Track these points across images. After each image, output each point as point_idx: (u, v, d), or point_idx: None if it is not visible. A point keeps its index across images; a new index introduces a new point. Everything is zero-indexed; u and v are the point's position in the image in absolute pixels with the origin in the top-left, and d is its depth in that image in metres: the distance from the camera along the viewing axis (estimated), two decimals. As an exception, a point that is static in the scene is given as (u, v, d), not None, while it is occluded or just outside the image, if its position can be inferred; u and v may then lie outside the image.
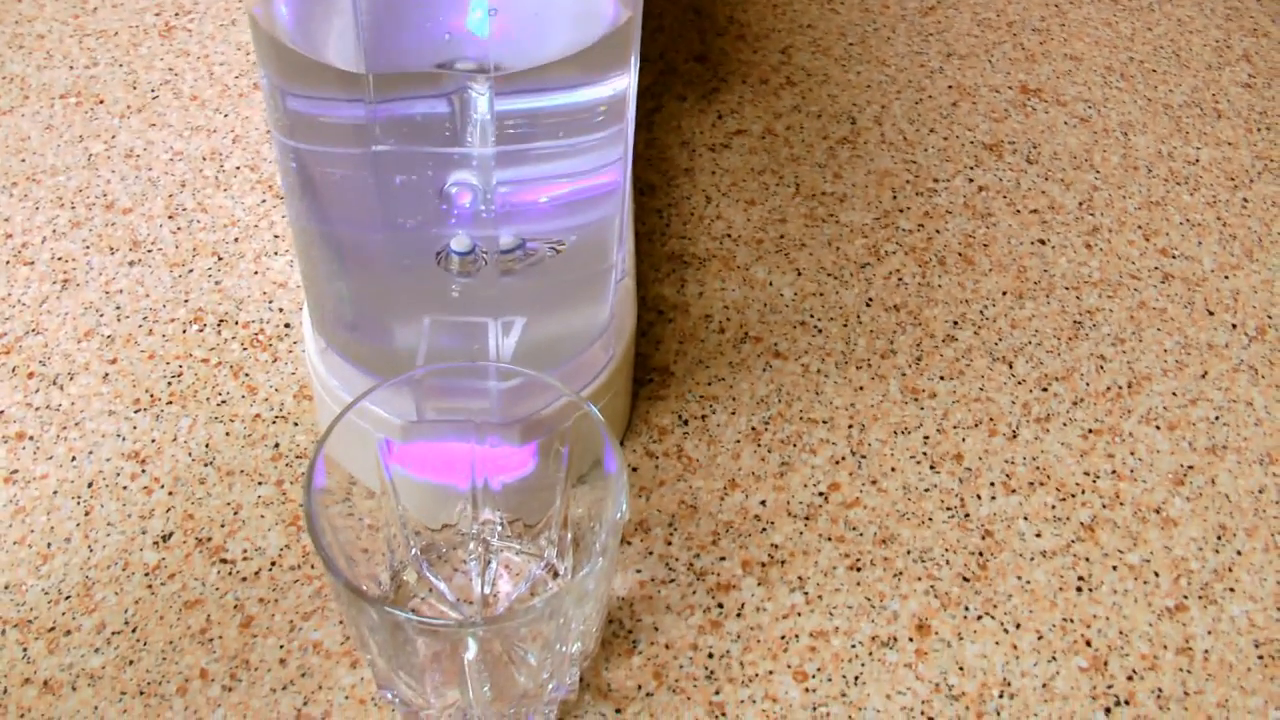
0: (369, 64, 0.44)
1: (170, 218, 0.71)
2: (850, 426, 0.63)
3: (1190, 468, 0.63)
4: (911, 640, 0.56)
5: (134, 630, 0.54)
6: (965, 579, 0.58)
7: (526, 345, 0.54)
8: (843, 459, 0.62)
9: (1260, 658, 0.56)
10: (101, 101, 0.79)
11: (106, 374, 0.63)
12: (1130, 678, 0.55)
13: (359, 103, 0.45)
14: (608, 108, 0.49)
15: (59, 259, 0.69)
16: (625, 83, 0.49)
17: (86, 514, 0.58)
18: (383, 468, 0.53)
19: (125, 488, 0.59)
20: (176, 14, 0.86)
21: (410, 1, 0.44)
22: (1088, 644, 0.56)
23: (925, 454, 0.63)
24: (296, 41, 0.45)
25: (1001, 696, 0.54)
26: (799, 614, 0.56)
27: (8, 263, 0.68)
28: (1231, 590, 0.58)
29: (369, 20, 0.43)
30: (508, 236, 0.50)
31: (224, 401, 0.62)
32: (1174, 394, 0.66)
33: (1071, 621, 0.56)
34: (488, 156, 0.47)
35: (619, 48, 0.48)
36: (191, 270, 0.69)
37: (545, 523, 0.55)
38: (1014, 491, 0.61)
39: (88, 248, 0.70)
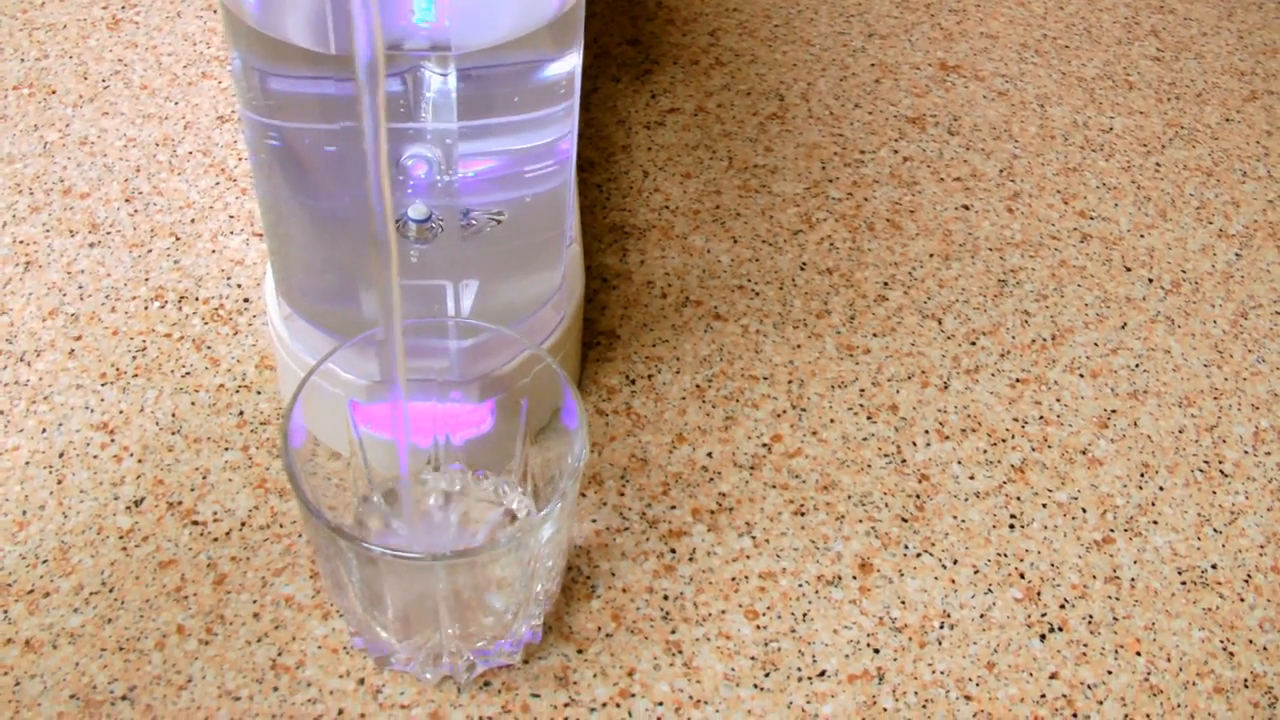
0: (338, 45, 0.46)
1: (127, 201, 0.73)
2: (790, 382, 0.66)
3: (1113, 412, 0.66)
4: (855, 578, 0.58)
5: (111, 590, 0.56)
6: (904, 520, 0.61)
7: (483, 306, 0.56)
8: (784, 412, 0.65)
9: (1183, 583, 0.59)
10: (54, 92, 0.81)
11: (72, 350, 0.65)
12: (1062, 606, 0.58)
13: (326, 80, 0.47)
14: (555, 85, 0.51)
15: (20, 242, 0.70)
16: (574, 61, 0.52)
17: (59, 482, 0.60)
18: (352, 427, 0.55)
19: (96, 457, 0.61)
20: (123, 7, 0.88)
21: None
22: (1021, 576, 0.59)
23: (862, 406, 0.66)
24: (265, 25, 0.47)
25: (942, 627, 0.57)
26: (748, 557, 0.59)
27: (-32, 249, 0.70)
28: (1155, 523, 0.61)
29: (336, 2, 0.45)
30: (463, 205, 0.52)
31: (188, 373, 0.64)
32: (1095, 344, 0.70)
33: (1005, 556, 0.60)
34: (441, 130, 0.49)
35: (568, 29, 0.50)
36: (150, 250, 0.70)
37: (505, 474, 0.57)
38: (947, 438, 0.64)
39: (48, 231, 0.71)
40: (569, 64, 0.51)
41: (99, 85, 0.81)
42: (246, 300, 0.68)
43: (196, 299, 0.68)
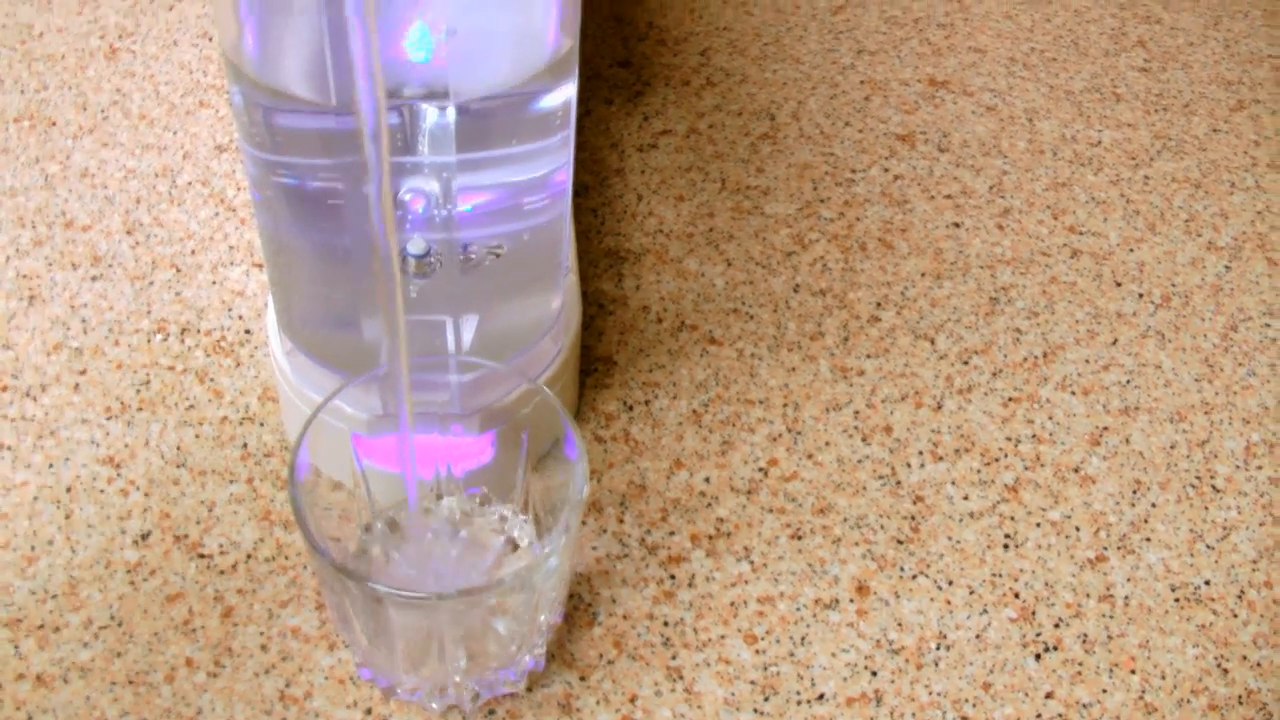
0: (338, 95, 0.46)
1: (128, 233, 0.74)
2: (785, 405, 0.67)
3: (1105, 429, 0.67)
4: (852, 601, 0.59)
5: (120, 624, 0.57)
6: (900, 542, 0.61)
7: (483, 340, 0.56)
8: (779, 436, 0.66)
9: (1176, 601, 0.60)
10: (54, 124, 0.81)
11: (77, 384, 0.66)
12: (1057, 625, 0.59)
13: (327, 117, 0.48)
14: (551, 116, 0.52)
15: (24, 276, 0.71)
16: (569, 92, 0.53)
17: (67, 517, 0.60)
18: (355, 460, 0.56)
19: (102, 491, 0.61)
20: (120, 36, 0.89)
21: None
22: (1016, 596, 0.60)
23: (856, 428, 0.66)
24: (264, 76, 0.48)
25: (939, 648, 0.58)
26: (746, 582, 0.60)
27: (-29, 283, 0.71)
28: (1148, 540, 0.62)
29: (337, 56, 0.45)
30: (462, 239, 0.53)
31: (192, 406, 0.65)
32: (1087, 361, 0.71)
33: (1000, 576, 0.60)
34: (438, 164, 0.50)
35: (563, 63, 0.51)
36: (152, 283, 0.71)
37: (507, 504, 0.58)
38: (941, 459, 0.65)
39: (50, 265, 0.72)
40: (564, 95, 0.52)
41: (98, 116, 0.82)
42: (248, 331, 0.69)
43: (198, 331, 0.69)
